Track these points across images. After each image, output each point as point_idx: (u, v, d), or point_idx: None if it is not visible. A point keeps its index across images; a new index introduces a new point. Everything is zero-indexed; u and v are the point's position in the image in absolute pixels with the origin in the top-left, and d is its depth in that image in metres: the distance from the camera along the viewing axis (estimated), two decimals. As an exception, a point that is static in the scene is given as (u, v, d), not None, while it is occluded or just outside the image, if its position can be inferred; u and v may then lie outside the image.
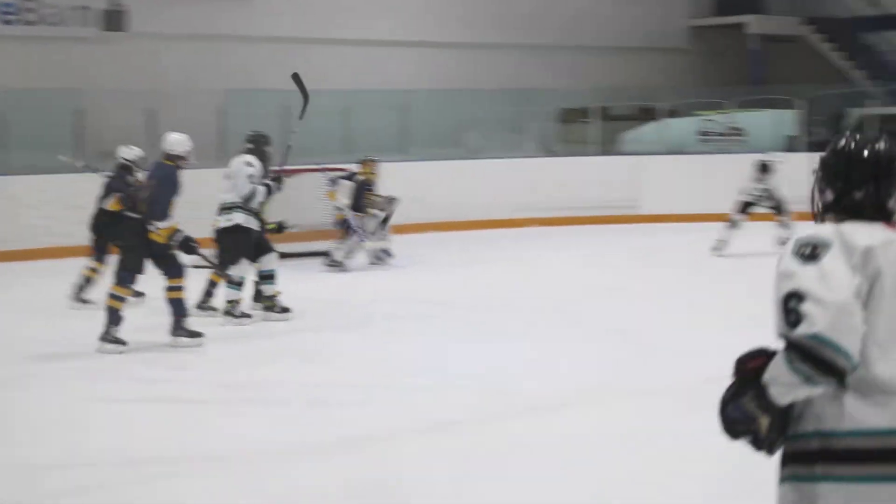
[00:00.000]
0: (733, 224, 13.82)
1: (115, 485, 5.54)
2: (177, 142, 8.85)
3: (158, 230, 8.52)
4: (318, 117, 17.75)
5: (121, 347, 8.42)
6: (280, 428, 6.44)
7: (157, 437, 6.31)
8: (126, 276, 8.55)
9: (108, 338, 8.46)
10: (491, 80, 21.85)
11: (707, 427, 6.02)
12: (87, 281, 10.53)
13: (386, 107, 18.23)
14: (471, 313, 10.06)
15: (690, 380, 7.17)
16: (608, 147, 20.22)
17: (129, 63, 18.59)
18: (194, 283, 9.33)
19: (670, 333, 8.98)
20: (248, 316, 9.69)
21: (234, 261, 9.63)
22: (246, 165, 9.76)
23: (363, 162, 13.33)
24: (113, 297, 8.51)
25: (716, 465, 5.42)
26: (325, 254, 13.14)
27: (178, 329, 8.64)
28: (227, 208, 9.69)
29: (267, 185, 9.75)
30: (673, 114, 20.71)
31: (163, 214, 8.58)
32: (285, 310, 9.88)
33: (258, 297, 10.00)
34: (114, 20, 18.67)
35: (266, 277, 9.87)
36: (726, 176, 17.90)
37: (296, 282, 11.68)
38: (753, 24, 24.77)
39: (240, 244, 9.63)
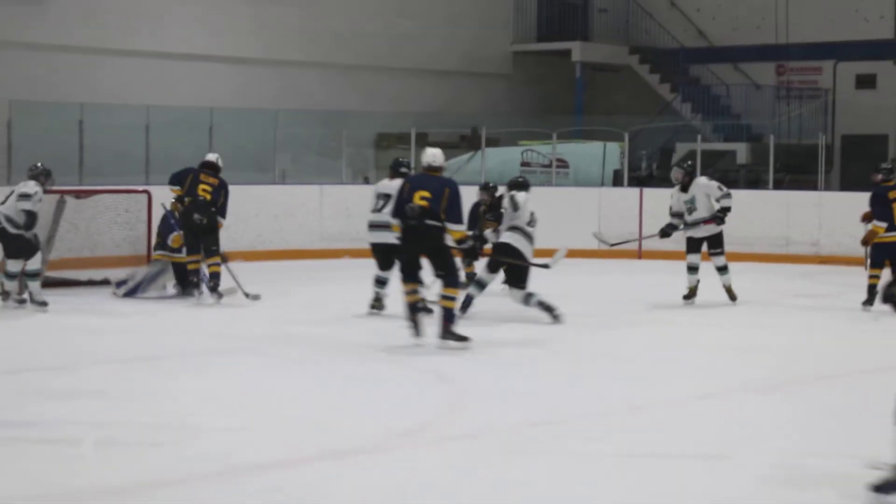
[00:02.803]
0: None
1: None
2: (439, 155, 10.19)
3: (453, 234, 9.99)
4: (115, 134, 17.50)
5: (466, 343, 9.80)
6: (68, 469, 6.26)
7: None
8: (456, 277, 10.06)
9: (451, 335, 9.85)
10: (303, 100, 21.80)
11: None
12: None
13: (189, 125, 18.01)
14: (284, 348, 9.99)
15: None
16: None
17: None
18: None
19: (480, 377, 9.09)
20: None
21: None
22: None
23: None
24: (445, 298, 9.93)
25: None
26: (108, 282, 13.40)
27: (447, 333, 9.84)
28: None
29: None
30: (495, 142, 20.99)
31: (462, 220, 10.24)
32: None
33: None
34: None
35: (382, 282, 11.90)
36: (547, 210, 18.27)
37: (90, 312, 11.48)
38: (578, 51, 25.38)
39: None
